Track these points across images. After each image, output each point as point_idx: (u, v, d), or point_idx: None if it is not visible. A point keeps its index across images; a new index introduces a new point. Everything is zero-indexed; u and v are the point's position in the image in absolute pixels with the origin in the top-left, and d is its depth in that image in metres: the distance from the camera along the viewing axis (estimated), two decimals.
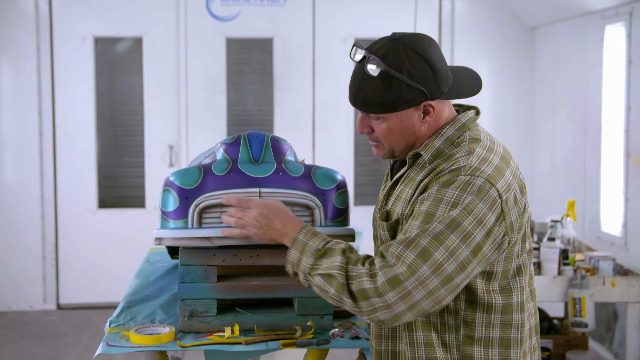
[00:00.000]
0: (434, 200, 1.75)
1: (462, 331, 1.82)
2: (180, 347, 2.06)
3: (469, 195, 1.73)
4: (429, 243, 1.71)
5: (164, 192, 2.11)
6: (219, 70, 6.29)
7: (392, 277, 1.71)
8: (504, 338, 1.83)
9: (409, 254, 1.72)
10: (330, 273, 1.78)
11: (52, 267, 6.26)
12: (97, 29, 6.20)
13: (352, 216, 2.32)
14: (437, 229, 1.71)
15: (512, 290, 1.83)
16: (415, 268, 1.70)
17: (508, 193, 1.77)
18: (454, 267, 1.71)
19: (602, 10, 5.14)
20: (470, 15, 6.41)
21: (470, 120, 1.88)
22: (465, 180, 1.75)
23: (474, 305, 1.81)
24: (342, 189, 2.16)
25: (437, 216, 1.73)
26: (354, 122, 6.41)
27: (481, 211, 1.72)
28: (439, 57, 1.84)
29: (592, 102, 5.35)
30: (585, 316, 4.08)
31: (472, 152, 1.80)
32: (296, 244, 1.86)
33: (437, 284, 1.71)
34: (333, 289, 1.77)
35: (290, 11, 6.28)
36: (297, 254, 1.85)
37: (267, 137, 2.20)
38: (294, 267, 1.86)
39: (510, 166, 1.84)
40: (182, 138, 6.30)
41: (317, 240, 1.85)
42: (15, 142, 6.19)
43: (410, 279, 1.70)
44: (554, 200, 5.84)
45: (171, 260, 2.68)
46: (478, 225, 1.72)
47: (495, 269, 1.80)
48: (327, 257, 1.81)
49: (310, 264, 1.82)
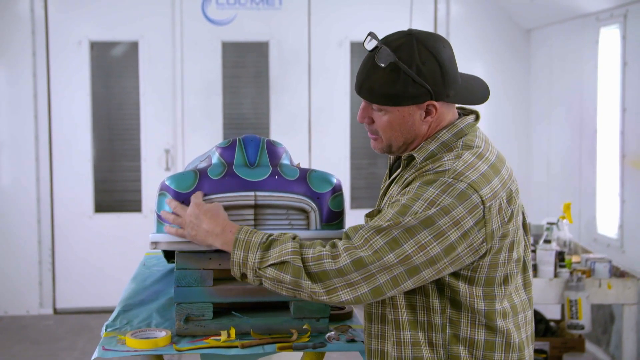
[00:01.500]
0: (413, 195, 1.76)
1: (448, 330, 1.82)
2: (176, 351, 2.06)
3: (448, 197, 1.73)
4: (400, 234, 1.72)
5: (159, 196, 2.12)
6: (214, 74, 6.29)
7: (356, 259, 1.73)
8: (489, 341, 1.82)
9: (379, 239, 1.73)
10: (284, 260, 1.78)
11: (49, 272, 6.25)
12: (93, 33, 6.20)
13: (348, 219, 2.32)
14: (410, 223, 1.72)
15: (495, 298, 1.82)
16: (382, 254, 1.72)
17: (493, 201, 1.76)
18: (422, 260, 1.72)
19: (596, 12, 5.16)
20: (466, 18, 6.42)
21: (468, 126, 1.88)
22: (447, 182, 1.75)
23: (458, 305, 1.81)
24: (337, 192, 2.16)
25: (412, 211, 1.73)
26: (350, 125, 6.42)
27: (459, 214, 1.72)
28: (451, 60, 1.84)
29: (588, 104, 5.36)
30: (581, 318, 4.09)
31: (460, 157, 1.80)
32: (238, 244, 1.86)
33: (403, 272, 1.72)
34: (289, 276, 1.77)
35: (286, 15, 6.29)
36: (242, 252, 1.85)
37: (262, 141, 2.20)
38: (241, 267, 1.85)
39: (500, 174, 1.82)
40: (178, 142, 6.30)
41: (259, 236, 1.86)
42: (12, 146, 6.18)
43: (375, 263, 1.72)
44: (549, 203, 5.85)
45: (167, 264, 2.68)
46: (453, 226, 1.72)
47: (478, 275, 1.79)
48: (275, 247, 1.81)
49: (259, 257, 1.82)
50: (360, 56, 6.36)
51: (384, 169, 6.58)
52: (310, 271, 1.76)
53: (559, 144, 5.89)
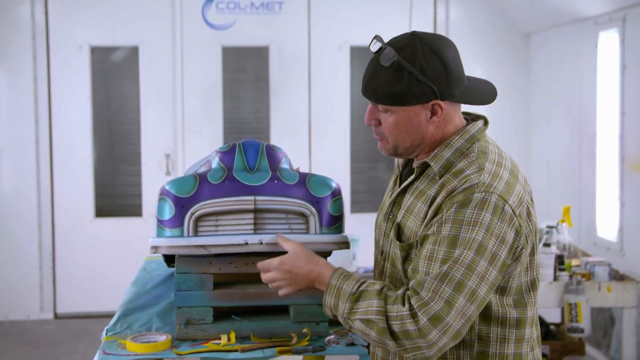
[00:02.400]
0: (453, 222, 1.75)
1: (476, 347, 1.82)
2: (176, 355, 2.06)
3: (487, 214, 1.74)
4: (463, 274, 1.72)
5: (159, 201, 2.12)
6: (215, 78, 6.30)
7: (433, 316, 1.71)
8: (517, 354, 1.83)
9: (445, 288, 1.71)
10: (369, 318, 1.77)
11: (49, 276, 6.26)
12: (93, 37, 6.22)
13: (348, 223, 2.33)
14: (467, 257, 1.72)
15: (526, 305, 1.84)
16: (453, 302, 1.71)
17: (521, 207, 1.79)
18: (485, 289, 1.73)
19: (595, 16, 5.17)
20: (465, 22, 6.43)
21: (479, 131, 1.88)
22: (480, 198, 1.75)
23: (489, 320, 1.81)
24: (337, 196, 2.16)
25: (462, 239, 1.73)
26: (350, 128, 6.43)
27: (502, 230, 1.74)
28: (455, 59, 1.84)
29: (587, 108, 5.37)
30: (581, 321, 4.09)
31: (483, 167, 1.80)
32: (330, 289, 1.85)
33: (474, 310, 1.73)
34: (374, 333, 1.76)
35: (286, 19, 6.30)
36: (333, 299, 1.84)
37: (262, 146, 2.21)
38: (332, 310, 1.86)
39: (519, 180, 1.85)
40: (179, 146, 6.31)
41: (350, 284, 1.84)
42: (12, 150, 6.19)
43: (450, 314, 1.71)
44: (549, 206, 5.86)
45: (168, 269, 2.68)
46: (501, 244, 1.74)
47: (510, 284, 1.81)
48: (363, 300, 1.80)
49: (348, 309, 1.81)
50: (360, 60, 6.37)
51: (385, 173, 6.62)
52: (393, 330, 1.75)
53: (558, 147, 5.89)
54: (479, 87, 1.92)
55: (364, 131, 6.45)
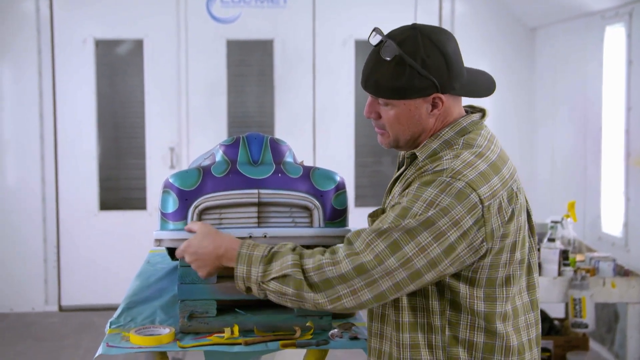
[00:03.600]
0: (412, 196, 1.75)
1: (447, 332, 1.81)
2: (180, 348, 2.06)
3: (447, 197, 1.72)
4: (400, 237, 1.71)
5: (163, 194, 2.12)
6: (219, 72, 6.30)
7: (358, 265, 1.72)
8: (488, 344, 1.81)
9: (380, 243, 1.72)
10: (285, 273, 1.77)
11: (54, 269, 6.27)
12: (97, 31, 6.21)
13: (352, 218, 2.33)
14: (410, 225, 1.71)
15: (496, 300, 1.80)
16: (383, 258, 1.71)
17: (492, 200, 1.75)
18: (423, 262, 1.71)
19: (602, 11, 5.15)
20: (470, 17, 6.42)
21: (472, 124, 1.86)
22: (445, 182, 1.74)
23: (458, 307, 1.80)
24: (341, 189, 2.16)
25: (412, 212, 1.73)
26: (354, 123, 6.43)
27: (458, 213, 1.71)
28: (456, 52, 1.83)
29: (593, 103, 5.35)
30: (585, 317, 4.09)
31: (458, 156, 1.79)
32: (241, 258, 1.85)
33: (405, 277, 1.72)
34: (291, 289, 1.77)
35: (291, 13, 6.29)
36: (244, 267, 1.84)
37: (266, 139, 2.21)
38: (245, 281, 1.84)
39: (500, 173, 1.80)
40: (183, 140, 6.31)
41: (261, 249, 1.85)
42: (17, 144, 6.20)
43: (377, 268, 1.71)
44: (554, 201, 5.85)
45: (171, 262, 2.69)
46: (453, 227, 1.71)
47: (479, 276, 1.78)
48: (276, 260, 1.80)
49: (262, 271, 1.81)
50: (365, 54, 6.32)
51: (389, 167, 6.61)
52: (311, 282, 1.75)
53: (563, 142, 5.88)
54: (478, 78, 1.91)
55: (368, 125, 6.41)
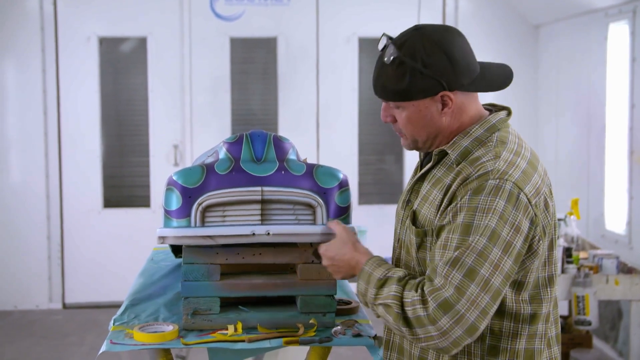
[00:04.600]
0: (467, 210, 1.72)
1: (487, 341, 1.80)
2: (183, 345, 2.07)
3: (501, 201, 1.71)
4: (474, 261, 1.69)
5: (167, 191, 2.12)
6: (223, 70, 6.30)
7: (442, 302, 1.68)
8: (529, 349, 1.80)
9: (456, 274, 1.69)
10: (387, 303, 1.76)
11: (58, 267, 6.29)
12: (101, 29, 6.22)
13: (356, 215, 2.33)
14: (479, 243, 1.69)
15: (542, 301, 1.81)
16: (464, 288, 1.67)
17: (537, 197, 1.76)
18: (500, 279, 1.69)
19: (605, 8, 5.14)
20: (474, 14, 6.41)
21: (500, 121, 1.86)
22: (494, 185, 1.72)
23: (502, 315, 1.79)
24: (344, 187, 2.16)
25: (475, 227, 1.70)
26: (358, 121, 6.43)
27: (516, 218, 1.71)
28: (462, 48, 1.82)
29: (596, 101, 5.34)
30: (588, 314, 4.09)
31: (499, 155, 1.78)
32: (363, 275, 1.86)
33: (489, 301, 1.68)
34: (391, 318, 1.75)
35: (294, 11, 6.29)
36: (364, 284, 1.85)
37: (269, 136, 2.21)
38: (363, 297, 1.86)
39: (537, 170, 1.82)
40: (187, 137, 6.31)
41: (380, 270, 1.83)
42: (21, 142, 6.21)
43: (461, 301, 1.67)
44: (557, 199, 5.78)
45: (175, 259, 2.69)
46: (516, 233, 1.71)
47: (528, 279, 1.78)
48: (386, 286, 1.79)
49: (373, 294, 1.81)
50: (368, 52, 6.36)
51: (392, 165, 6.61)
52: (406, 316, 1.73)
53: (567, 140, 5.87)
54: (494, 72, 1.90)
55: (371, 123, 6.44)
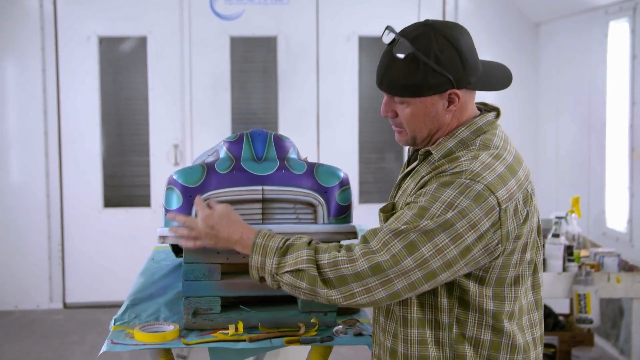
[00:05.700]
0: (431, 197, 1.75)
1: (455, 329, 1.82)
2: (184, 345, 2.06)
3: (466, 199, 1.72)
4: (417, 237, 1.72)
5: (167, 191, 2.12)
6: (223, 69, 6.30)
7: (374, 264, 1.73)
8: (495, 342, 1.82)
9: (396, 243, 1.73)
10: (299, 268, 1.78)
11: (59, 266, 6.28)
12: (101, 28, 6.21)
13: (357, 214, 2.33)
14: (428, 226, 1.72)
15: (504, 299, 1.81)
16: (400, 259, 1.72)
17: (509, 202, 1.76)
18: (439, 263, 1.72)
19: (606, 6, 5.14)
20: (474, 12, 6.40)
21: (487, 124, 1.86)
22: (464, 184, 1.74)
23: (467, 305, 1.81)
24: (345, 186, 2.16)
25: (430, 213, 1.73)
26: (358, 119, 6.42)
27: (476, 216, 1.72)
28: (469, 47, 1.83)
29: (597, 98, 5.34)
30: (590, 312, 4.08)
31: (477, 157, 1.79)
32: (256, 248, 1.86)
33: (420, 277, 1.73)
34: (305, 283, 1.78)
35: (294, 10, 6.29)
36: (259, 257, 1.85)
37: (269, 135, 2.21)
38: (259, 271, 1.86)
39: (517, 175, 1.81)
40: (187, 137, 6.31)
41: (276, 240, 1.85)
42: (21, 141, 6.21)
43: (392, 268, 1.72)
44: (558, 197, 5.84)
45: (176, 259, 2.69)
46: (470, 229, 1.72)
47: (489, 275, 1.79)
48: (291, 253, 1.81)
49: (276, 263, 1.82)
50: (369, 51, 6.36)
51: (393, 163, 6.60)
52: (326, 277, 1.76)
53: (567, 137, 5.87)
54: (494, 71, 1.91)
55: (372, 121, 6.43)
